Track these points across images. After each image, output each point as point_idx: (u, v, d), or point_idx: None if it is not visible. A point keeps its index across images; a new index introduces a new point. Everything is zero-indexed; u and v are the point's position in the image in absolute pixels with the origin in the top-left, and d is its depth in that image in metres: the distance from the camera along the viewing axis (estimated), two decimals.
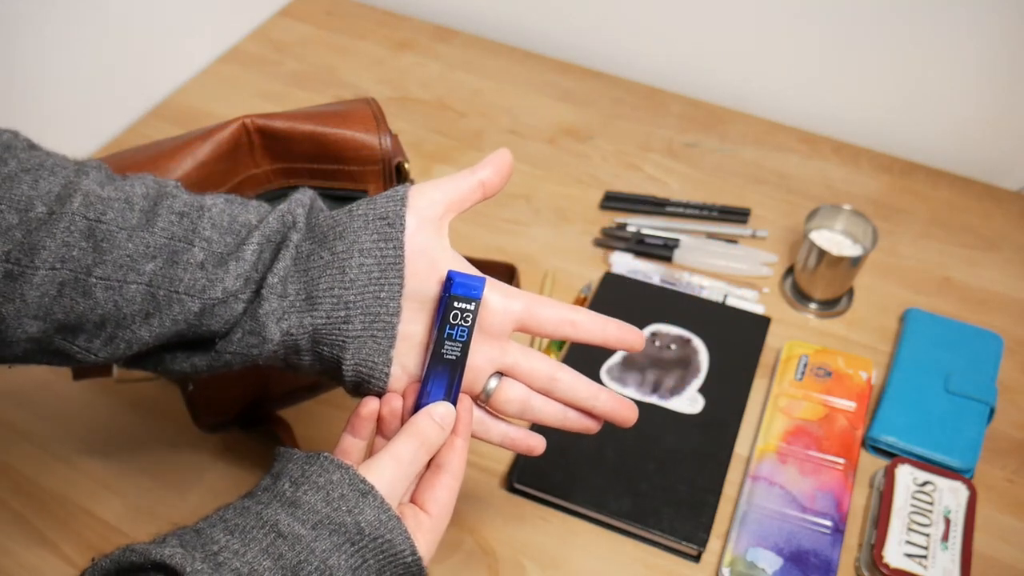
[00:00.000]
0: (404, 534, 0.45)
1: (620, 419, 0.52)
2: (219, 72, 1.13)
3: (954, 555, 0.66)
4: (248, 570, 0.41)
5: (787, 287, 0.88)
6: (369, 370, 0.49)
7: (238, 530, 0.43)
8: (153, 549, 0.40)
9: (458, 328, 0.48)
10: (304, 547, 0.42)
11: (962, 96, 0.98)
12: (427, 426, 0.49)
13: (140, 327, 0.46)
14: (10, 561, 0.68)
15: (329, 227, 0.48)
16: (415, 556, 0.46)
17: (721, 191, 0.98)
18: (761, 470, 0.72)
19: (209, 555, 0.41)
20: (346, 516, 0.44)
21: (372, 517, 0.44)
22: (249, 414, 0.76)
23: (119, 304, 0.45)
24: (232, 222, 0.47)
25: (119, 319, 0.45)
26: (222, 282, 0.46)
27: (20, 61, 0.91)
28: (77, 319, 0.44)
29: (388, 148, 0.66)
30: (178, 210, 0.46)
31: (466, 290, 0.48)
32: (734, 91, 1.09)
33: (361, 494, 0.45)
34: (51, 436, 0.76)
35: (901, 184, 0.99)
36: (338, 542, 0.43)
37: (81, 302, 0.44)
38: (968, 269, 0.90)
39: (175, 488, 0.73)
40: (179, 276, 0.45)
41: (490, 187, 0.52)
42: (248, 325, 0.46)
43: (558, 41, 1.17)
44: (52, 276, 0.43)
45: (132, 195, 0.46)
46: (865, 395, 0.77)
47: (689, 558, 0.69)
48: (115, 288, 0.44)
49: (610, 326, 0.52)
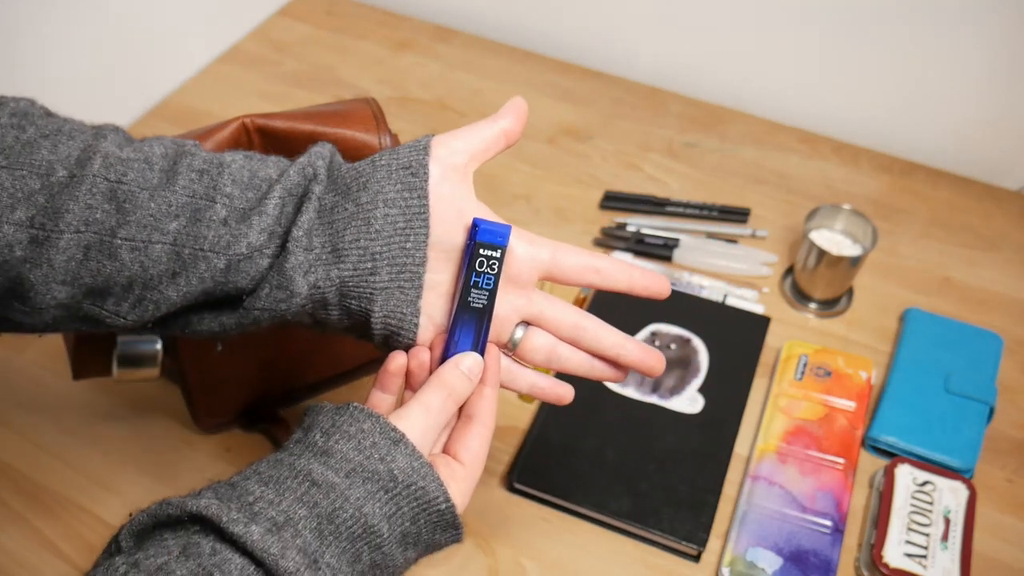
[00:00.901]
0: (437, 481, 0.45)
1: (647, 368, 0.52)
2: (219, 72, 1.13)
3: (954, 555, 0.66)
4: (284, 519, 0.41)
5: (787, 287, 0.88)
6: (398, 321, 0.48)
7: (272, 481, 0.43)
8: (189, 501, 0.41)
9: (484, 276, 0.48)
10: (339, 495, 0.43)
11: (962, 96, 0.98)
12: (454, 376, 0.49)
13: (167, 287, 0.45)
14: (10, 561, 0.68)
15: (352, 178, 0.48)
16: (448, 503, 0.46)
17: (721, 191, 0.98)
18: (761, 470, 0.72)
19: (244, 505, 0.41)
20: (379, 464, 0.44)
21: (404, 464, 0.44)
22: (249, 414, 0.76)
23: (145, 264, 0.45)
24: (252, 177, 0.47)
25: (146, 280, 0.45)
26: (246, 237, 0.45)
27: (20, 61, 0.91)
28: (104, 282, 0.44)
29: (388, 148, 0.66)
30: (198, 167, 0.46)
31: (492, 237, 0.48)
32: (734, 91, 1.09)
33: (393, 442, 0.45)
34: (51, 436, 0.76)
35: (901, 184, 0.99)
36: (372, 490, 0.43)
37: (108, 264, 0.44)
38: (968, 269, 0.90)
39: (175, 488, 0.72)
40: (203, 233, 0.45)
41: (512, 135, 0.52)
42: (275, 280, 0.46)
43: (558, 41, 1.17)
44: (77, 239, 0.43)
45: (151, 155, 0.46)
46: (865, 395, 0.77)
47: (689, 558, 0.69)
48: (140, 249, 0.44)
49: (635, 272, 0.52)
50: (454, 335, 0.49)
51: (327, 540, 0.42)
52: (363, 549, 0.43)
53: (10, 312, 0.45)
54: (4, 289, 0.44)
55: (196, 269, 0.45)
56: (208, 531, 0.40)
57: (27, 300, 0.44)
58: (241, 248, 0.45)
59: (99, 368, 0.67)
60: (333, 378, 0.78)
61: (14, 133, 0.44)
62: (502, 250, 0.48)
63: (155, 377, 0.68)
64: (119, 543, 0.41)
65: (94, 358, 0.66)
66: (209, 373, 0.70)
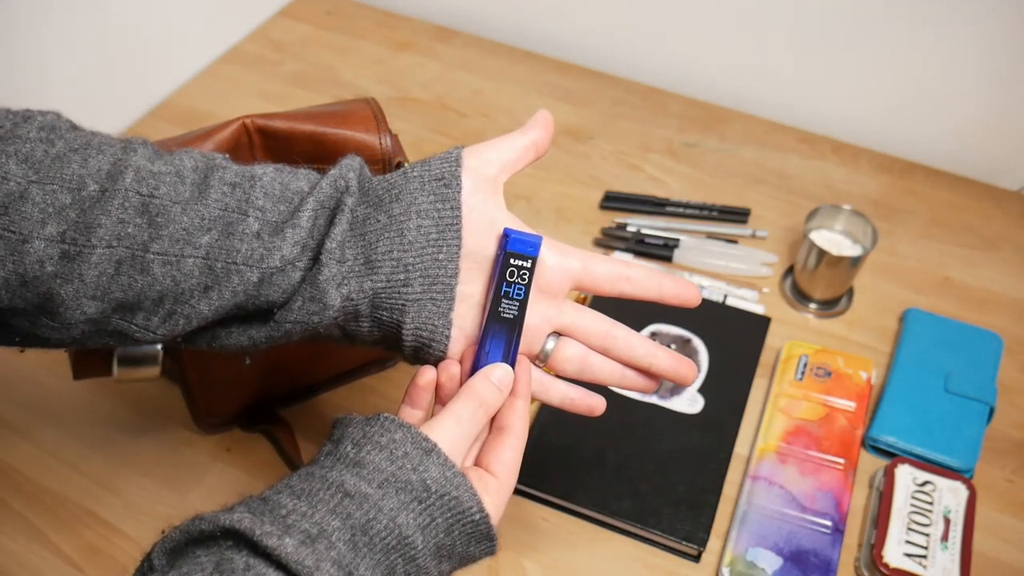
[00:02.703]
0: (470, 491, 0.45)
1: (679, 377, 0.52)
2: (219, 72, 1.13)
3: (954, 555, 0.66)
4: (317, 531, 0.40)
5: (787, 287, 0.88)
6: (429, 333, 0.48)
7: (304, 494, 0.42)
8: (222, 516, 0.40)
9: (515, 286, 0.48)
10: (372, 505, 0.42)
11: (962, 96, 0.98)
12: (484, 388, 0.49)
13: (199, 301, 0.45)
14: (10, 561, 0.68)
15: (384, 190, 0.48)
16: (483, 514, 0.45)
17: (721, 191, 0.98)
18: (761, 470, 0.72)
19: (277, 518, 0.41)
20: (411, 474, 0.44)
21: (437, 474, 0.44)
22: (249, 414, 0.76)
23: (177, 279, 0.44)
24: (284, 190, 0.47)
25: (178, 294, 0.45)
26: (279, 250, 0.45)
27: (20, 61, 0.91)
28: (135, 297, 0.44)
29: (388, 148, 0.66)
30: (229, 181, 0.46)
31: (523, 247, 0.48)
32: (734, 91, 1.09)
33: (425, 452, 0.45)
34: (51, 436, 0.76)
35: (901, 184, 0.99)
36: (405, 500, 0.43)
37: (139, 279, 0.44)
38: (968, 269, 0.90)
39: (175, 488, 0.73)
40: (236, 247, 0.45)
41: (541, 146, 0.52)
42: (308, 292, 0.46)
43: (558, 41, 1.17)
44: (109, 254, 0.43)
45: (182, 168, 0.46)
46: (865, 395, 0.77)
47: (689, 558, 0.69)
48: (172, 263, 0.44)
49: (666, 281, 0.52)
50: (485, 346, 0.49)
51: (361, 552, 0.41)
52: (397, 561, 0.43)
53: (38, 328, 0.45)
54: (34, 305, 0.44)
55: (229, 283, 0.45)
56: (241, 546, 0.40)
57: (57, 316, 0.44)
58: (275, 261, 0.45)
59: (99, 368, 0.67)
60: (333, 379, 0.78)
61: (43, 147, 0.43)
62: (533, 260, 0.48)
63: (155, 377, 0.68)
64: (151, 561, 0.40)
65: (94, 358, 0.66)
66: (209, 373, 0.70)
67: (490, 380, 0.49)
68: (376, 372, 0.80)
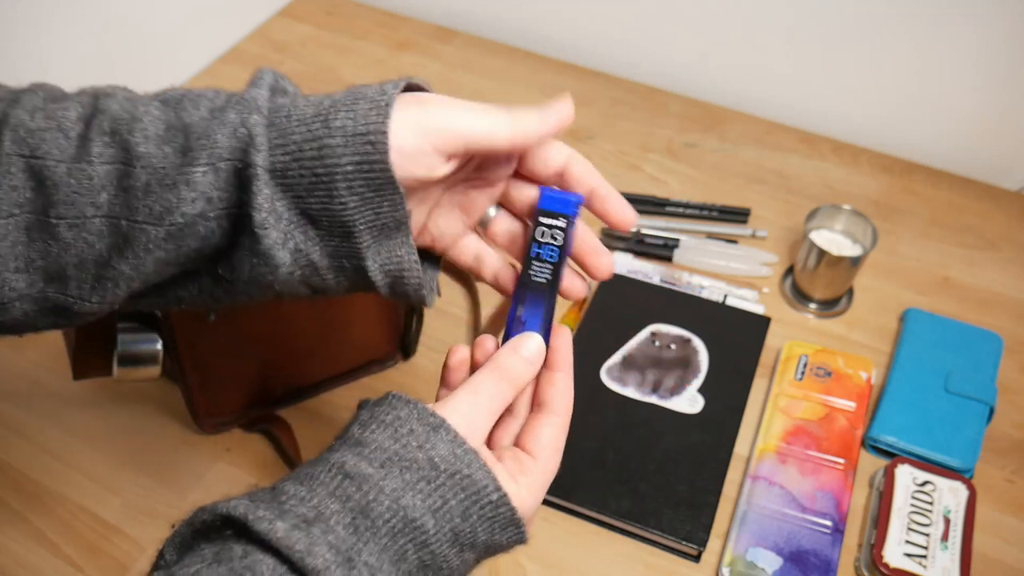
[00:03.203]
0: (483, 468, 0.41)
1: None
2: (219, 72, 1.13)
3: (954, 555, 0.66)
4: (314, 514, 0.38)
5: (787, 287, 0.88)
6: (397, 265, 0.45)
7: (307, 478, 0.40)
8: (220, 505, 0.39)
9: (547, 247, 0.44)
10: (372, 486, 0.39)
11: (962, 96, 0.98)
12: (509, 360, 0.46)
13: (120, 262, 0.42)
14: (10, 561, 0.68)
15: (304, 139, 0.42)
16: (500, 493, 0.41)
17: (721, 191, 0.98)
18: (761, 470, 0.72)
19: (275, 504, 0.39)
20: (417, 452, 0.41)
21: (446, 452, 0.41)
22: (249, 414, 0.76)
23: (90, 241, 0.41)
24: (169, 128, 0.42)
25: (96, 258, 0.42)
26: (178, 208, 0.41)
27: (20, 62, 0.91)
28: (57, 264, 0.42)
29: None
30: (108, 129, 0.41)
31: (556, 205, 0.44)
32: (734, 91, 1.09)
33: (432, 428, 0.41)
34: (51, 436, 0.76)
35: (901, 184, 0.99)
36: (410, 480, 0.40)
37: (53, 244, 0.41)
38: (968, 269, 0.90)
39: (175, 488, 0.73)
40: (132, 204, 0.41)
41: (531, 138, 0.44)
42: (252, 259, 0.42)
43: (558, 41, 1.17)
44: (15, 223, 0.41)
45: (64, 121, 0.42)
46: (865, 395, 0.77)
47: (689, 558, 0.69)
48: (78, 226, 0.41)
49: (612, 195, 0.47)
50: (517, 313, 0.45)
51: (363, 536, 0.39)
52: (407, 547, 0.40)
53: None
54: None
55: (139, 242, 0.41)
56: (241, 534, 0.38)
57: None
58: (176, 218, 0.41)
59: (99, 368, 0.67)
60: (333, 378, 0.78)
61: None
62: (568, 219, 0.44)
63: (155, 377, 0.68)
64: (164, 558, 0.39)
65: (94, 358, 0.66)
66: (209, 373, 0.70)
67: (518, 352, 0.46)
68: (376, 372, 0.80)
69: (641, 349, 0.80)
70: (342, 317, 0.73)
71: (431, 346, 0.82)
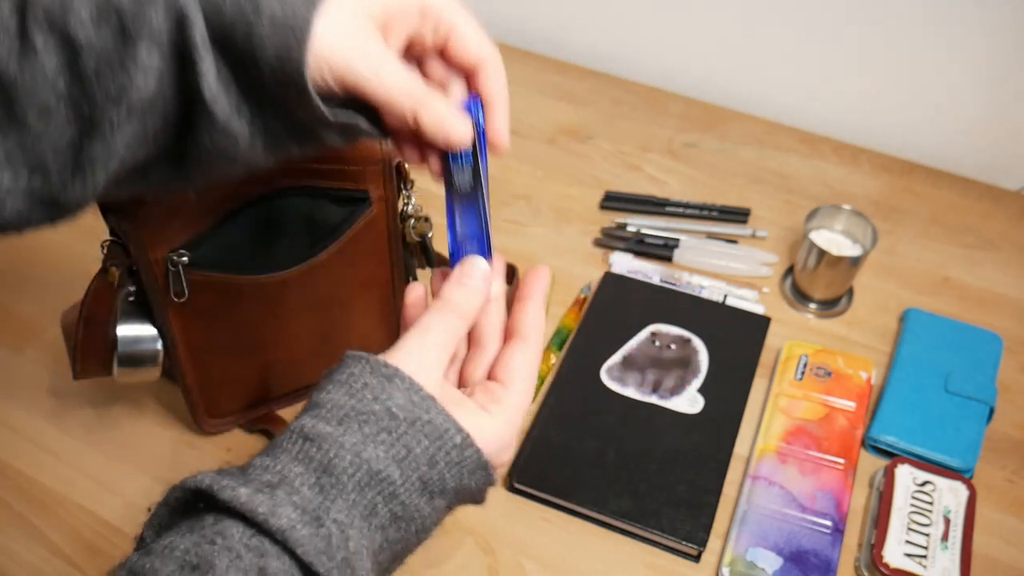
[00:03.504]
0: (442, 413, 0.41)
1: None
2: None
3: (954, 555, 0.66)
4: (278, 479, 0.39)
5: (787, 287, 0.88)
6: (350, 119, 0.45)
7: (271, 448, 0.41)
8: (188, 479, 0.39)
9: (462, 154, 0.45)
10: (332, 443, 0.39)
11: (962, 96, 0.98)
12: (455, 293, 0.45)
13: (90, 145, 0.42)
14: (10, 561, 0.68)
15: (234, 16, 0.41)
16: (463, 435, 0.41)
17: (721, 191, 0.98)
18: (761, 470, 0.72)
19: (240, 474, 0.39)
20: (373, 404, 0.40)
21: (403, 400, 0.41)
22: (249, 414, 0.76)
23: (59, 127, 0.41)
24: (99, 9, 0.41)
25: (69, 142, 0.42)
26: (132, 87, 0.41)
27: None
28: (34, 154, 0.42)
29: (388, 148, 0.66)
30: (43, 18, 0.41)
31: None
32: (734, 91, 1.09)
33: (386, 378, 0.41)
34: (51, 436, 0.76)
35: (901, 184, 0.99)
36: (370, 432, 0.40)
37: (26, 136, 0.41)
38: (968, 269, 0.90)
39: None
40: (89, 89, 0.41)
41: None
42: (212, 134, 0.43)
43: (558, 41, 1.17)
44: None
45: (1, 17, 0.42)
46: (865, 395, 0.77)
47: (689, 558, 0.69)
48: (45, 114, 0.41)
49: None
50: (452, 227, 0.45)
51: (330, 494, 0.39)
52: (376, 500, 0.39)
53: None
54: None
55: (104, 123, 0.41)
56: (211, 506, 0.39)
57: None
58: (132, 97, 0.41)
59: (99, 368, 0.67)
60: None
61: None
62: (472, 123, 0.45)
63: (155, 377, 0.68)
64: (144, 539, 0.41)
65: (94, 358, 0.66)
66: (209, 373, 0.70)
67: (462, 284, 0.45)
68: None
69: (641, 349, 0.80)
70: (342, 317, 0.73)
71: None
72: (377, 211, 0.68)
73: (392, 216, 0.69)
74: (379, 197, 0.67)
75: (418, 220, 0.70)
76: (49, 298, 0.86)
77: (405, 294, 0.48)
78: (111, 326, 0.64)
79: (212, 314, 0.66)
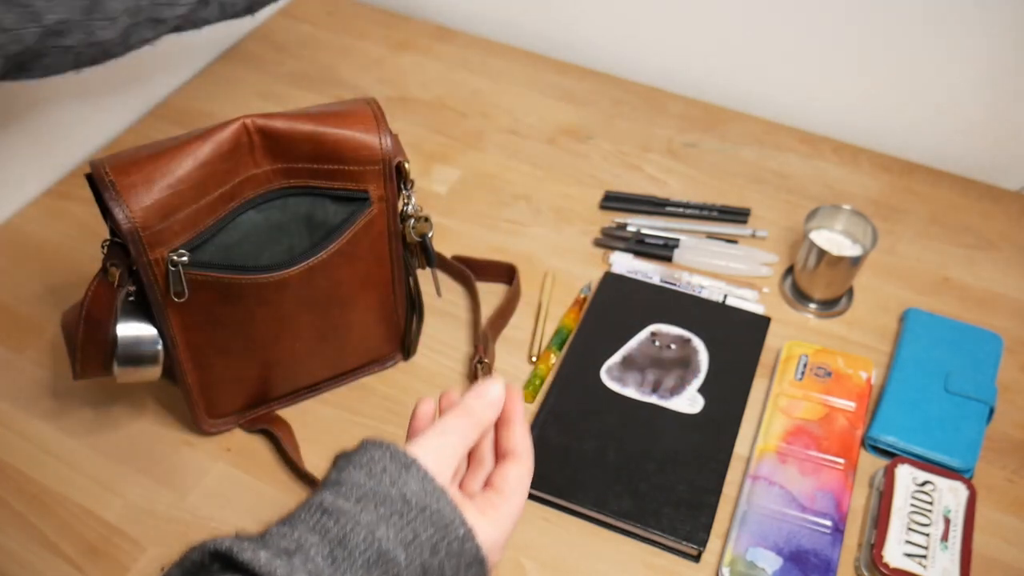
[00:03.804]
0: (451, 504, 0.45)
1: None
2: (219, 72, 1.13)
3: (954, 555, 0.66)
4: (295, 546, 0.41)
5: (787, 287, 0.88)
6: None
7: (288, 518, 0.43)
8: (208, 542, 0.41)
9: None
10: (349, 519, 0.42)
11: (962, 96, 0.98)
12: (475, 403, 0.50)
13: None
14: (10, 561, 0.68)
15: None
16: (466, 527, 0.45)
17: (721, 191, 0.98)
18: (761, 470, 0.72)
19: (258, 539, 0.42)
20: (390, 488, 0.44)
21: (416, 487, 0.44)
22: (249, 414, 0.76)
23: None
24: None
25: None
26: None
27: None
28: None
29: (388, 148, 0.66)
30: None
31: None
32: (734, 91, 1.09)
33: (404, 466, 0.45)
34: (51, 436, 0.76)
35: (901, 184, 0.99)
36: (384, 513, 0.43)
37: None
38: (968, 269, 0.90)
39: (175, 488, 0.73)
40: None
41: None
42: None
43: (558, 41, 1.17)
44: None
45: None
46: (865, 395, 0.77)
47: (689, 558, 0.69)
48: None
49: None
50: None
51: (340, 567, 0.41)
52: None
53: None
54: None
55: None
56: (227, 567, 0.40)
57: None
58: None
59: (99, 368, 0.67)
60: (333, 378, 0.78)
61: None
62: None
63: (155, 378, 0.68)
64: None
65: (94, 358, 0.66)
66: (209, 373, 0.70)
67: (483, 397, 0.50)
68: (376, 372, 0.80)
69: (641, 349, 0.80)
70: (342, 317, 0.73)
71: (431, 346, 0.82)
72: (377, 211, 0.68)
73: (392, 216, 0.69)
74: (379, 197, 0.68)
75: (418, 220, 0.70)
76: (49, 298, 0.86)
77: (416, 405, 0.53)
78: (111, 326, 0.64)
79: (212, 314, 0.66)
